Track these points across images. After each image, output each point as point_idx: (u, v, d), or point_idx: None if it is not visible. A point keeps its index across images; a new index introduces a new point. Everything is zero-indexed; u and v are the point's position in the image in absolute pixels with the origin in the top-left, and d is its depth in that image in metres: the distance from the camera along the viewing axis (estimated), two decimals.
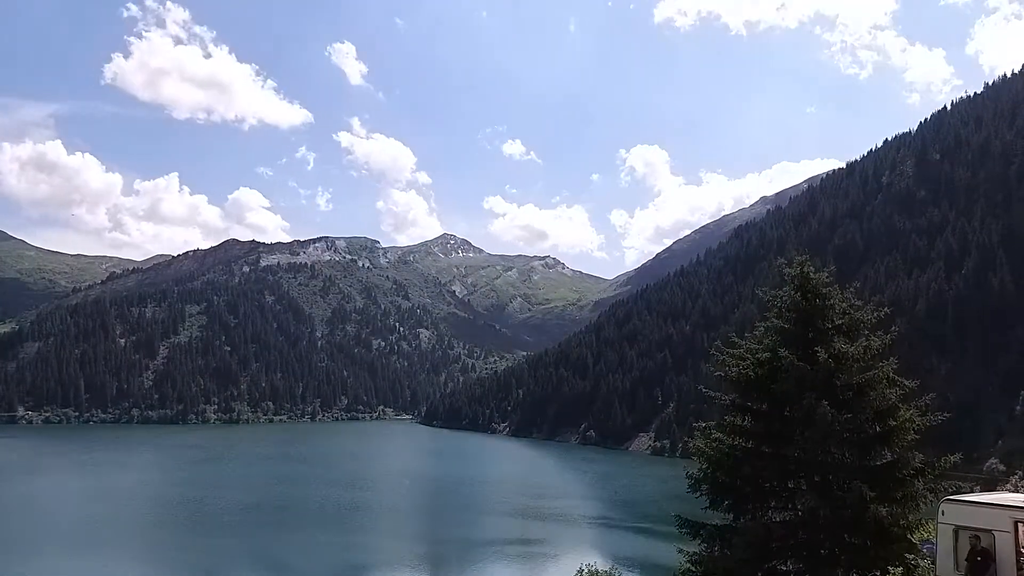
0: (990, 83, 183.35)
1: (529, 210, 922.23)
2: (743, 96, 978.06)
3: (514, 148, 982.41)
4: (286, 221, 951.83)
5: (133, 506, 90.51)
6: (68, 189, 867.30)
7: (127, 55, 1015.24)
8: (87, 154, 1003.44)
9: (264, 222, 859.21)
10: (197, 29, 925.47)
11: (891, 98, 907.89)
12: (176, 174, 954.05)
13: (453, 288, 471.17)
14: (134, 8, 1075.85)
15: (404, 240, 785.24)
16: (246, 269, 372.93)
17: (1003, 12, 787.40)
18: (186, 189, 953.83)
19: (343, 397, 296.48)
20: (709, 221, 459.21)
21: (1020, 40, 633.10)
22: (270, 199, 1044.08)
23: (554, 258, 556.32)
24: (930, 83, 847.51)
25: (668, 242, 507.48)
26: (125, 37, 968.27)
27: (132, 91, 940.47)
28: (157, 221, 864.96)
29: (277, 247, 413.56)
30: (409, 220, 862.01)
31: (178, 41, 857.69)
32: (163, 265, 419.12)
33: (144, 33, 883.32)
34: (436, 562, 67.77)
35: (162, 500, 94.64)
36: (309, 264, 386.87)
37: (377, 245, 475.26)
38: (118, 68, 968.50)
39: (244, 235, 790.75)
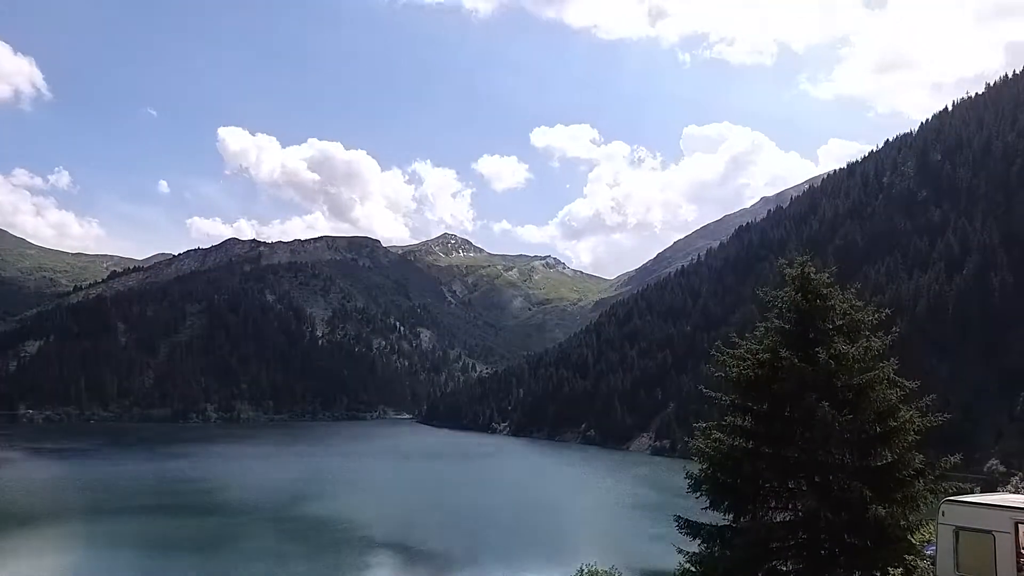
0: (991, 84, 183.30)
1: None
2: None
3: None
4: None
5: None
6: None
7: None
8: None
9: None
10: None
11: None
12: None
13: (454, 288, 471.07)
14: None
15: None
16: (247, 268, 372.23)
17: None
18: None
19: (343, 396, 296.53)
20: (709, 222, 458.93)
21: None
22: None
23: (555, 258, 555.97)
24: None
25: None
26: None
27: None
28: None
29: (278, 246, 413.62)
30: None
31: None
32: (164, 264, 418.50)
33: None
34: (434, 561, 67.76)
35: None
36: (310, 263, 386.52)
37: (378, 244, 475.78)
38: None
39: None
